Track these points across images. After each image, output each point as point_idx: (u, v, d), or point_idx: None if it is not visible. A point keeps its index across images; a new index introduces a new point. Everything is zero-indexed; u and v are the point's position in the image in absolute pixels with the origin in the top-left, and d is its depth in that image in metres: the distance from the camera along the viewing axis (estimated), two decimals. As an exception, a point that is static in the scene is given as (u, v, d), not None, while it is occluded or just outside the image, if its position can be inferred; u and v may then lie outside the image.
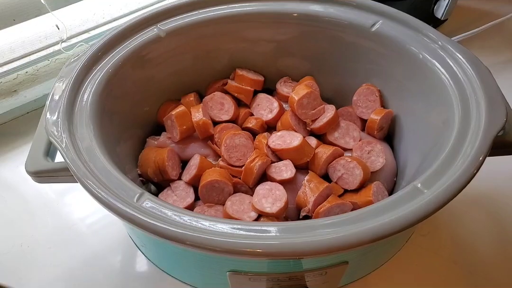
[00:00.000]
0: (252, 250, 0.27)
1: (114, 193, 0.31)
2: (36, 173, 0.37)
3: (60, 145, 0.34)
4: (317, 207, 0.40)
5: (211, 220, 0.29)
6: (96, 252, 0.48)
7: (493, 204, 0.51)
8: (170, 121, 0.47)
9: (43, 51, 0.66)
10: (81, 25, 0.69)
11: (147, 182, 0.47)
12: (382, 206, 0.30)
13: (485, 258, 0.46)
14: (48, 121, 0.36)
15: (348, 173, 0.43)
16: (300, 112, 0.47)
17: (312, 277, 0.36)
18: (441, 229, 0.49)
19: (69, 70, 0.41)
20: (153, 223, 0.29)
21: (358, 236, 0.28)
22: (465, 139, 0.34)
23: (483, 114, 0.35)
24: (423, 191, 0.31)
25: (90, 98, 0.39)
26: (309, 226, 0.29)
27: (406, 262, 0.46)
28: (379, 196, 0.41)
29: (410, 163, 0.43)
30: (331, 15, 0.48)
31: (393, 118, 0.48)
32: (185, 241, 0.28)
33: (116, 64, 0.43)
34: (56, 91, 0.39)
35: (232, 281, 0.36)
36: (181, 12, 0.48)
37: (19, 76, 0.66)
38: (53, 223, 0.51)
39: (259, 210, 0.40)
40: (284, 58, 0.53)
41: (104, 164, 0.34)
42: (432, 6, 0.71)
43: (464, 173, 0.31)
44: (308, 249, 0.27)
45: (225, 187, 0.42)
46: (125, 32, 0.45)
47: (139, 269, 0.47)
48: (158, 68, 0.48)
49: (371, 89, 0.48)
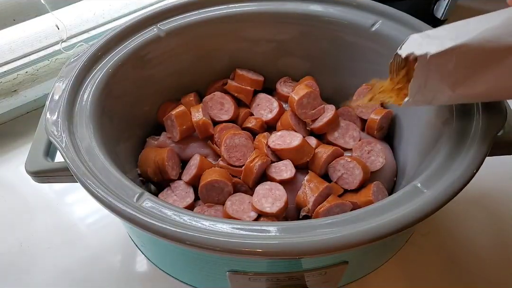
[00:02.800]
0: (252, 250, 0.27)
1: (114, 192, 0.31)
2: (36, 173, 0.37)
3: (60, 145, 0.34)
4: (317, 207, 0.40)
5: (211, 220, 0.29)
6: (96, 252, 0.48)
7: (493, 204, 0.51)
8: (170, 121, 0.47)
9: (43, 51, 0.66)
10: (81, 25, 0.69)
11: (147, 182, 0.47)
12: (382, 206, 0.30)
13: (485, 258, 0.46)
14: (48, 121, 0.36)
15: (348, 173, 0.43)
16: (300, 112, 0.47)
17: (312, 277, 0.36)
18: (441, 229, 0.49)
19: (69, 70, 0.41)
20: (153, 223, 0.29)
21: (358, 236, 0.28)
22: (465, 139, 0.34)
23: (482, 113, 0.35)
24: (423, 191, 0.31)
25: (90, 98, 0.39)
26: (309, 226, 0.29)
27: (406, 262, 0.46)
28: (379, 196, 0.41)
29: (410, 163, 0.43)
30: (331, 15, 0.48)
31: (393, 118, 0.48)
32: (185, 241, 0.28)
33: (116, 64, 0.43)
34: (56, 91, 0.39)
35: (232, 281, 0.36)
36: (181, 12, 0.48)
37: (19, 76, 0.66)
38: (53, 223, 0.51)
39: (259, 210, 0.40)
40: (284, 58, 0.53)
41: (104, 164, 0.34)
42: (432, 6, 0.71)
43: (464, 173, 0.31)
44: (308, 249, 0.27)
45: (225, 187, 0.42)
46: (125, 32, 0.45)
47: (139, 269, 0.47)
48: (158, 68, 0.48)
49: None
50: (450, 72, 0.30)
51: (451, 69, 0.30)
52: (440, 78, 0.31)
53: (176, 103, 0.51)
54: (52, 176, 0.37)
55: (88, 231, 0.50)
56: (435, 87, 0.31)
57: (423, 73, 0.31)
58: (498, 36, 0.29)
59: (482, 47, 0.29)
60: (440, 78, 0.31)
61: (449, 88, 0.31)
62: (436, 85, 0.31)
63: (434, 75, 0.31)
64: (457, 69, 0.30)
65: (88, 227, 0.51)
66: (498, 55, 0.29)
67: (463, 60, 0.30)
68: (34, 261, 0.47)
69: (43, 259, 0.47)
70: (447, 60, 0.30)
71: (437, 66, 0.30)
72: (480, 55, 0.29)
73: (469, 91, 0.31)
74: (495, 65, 0.29)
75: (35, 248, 0.49)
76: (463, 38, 0.29)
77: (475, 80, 0.30)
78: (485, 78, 0.30)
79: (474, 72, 0.30)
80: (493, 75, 0.30)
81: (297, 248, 0.27)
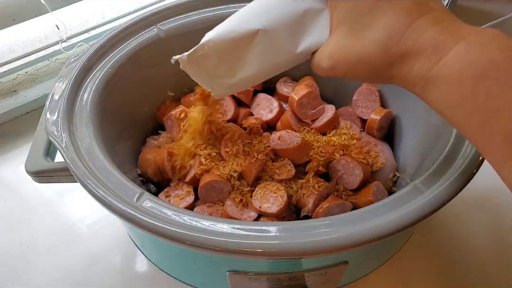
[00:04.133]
0: (252, 250, 0.27)
1: (114, 192, 0.31)
2: (36, 173, 0.37)
3: (60, 145, 0.34)
4: (317, 207, 0.40)
5: (211, 220, 0.29)
6: (96, 252, 0.48)
7: (493, 204, 0.51)
8: (170, 121, 0.47)
9: (43, 51, 0.66)
10: (81, 25, 0.69)
11: (147, 182, 0.47)
12: (382, 206, 0.30)
13: (484, 258, 0.46)
14: (48, 121, 0.36)
15: (348, 173, 0.43)
16: (300, 112, 0.47)
17: (312, 277, 0.36)
18: (441, 229, 0.49)
19: (69, 70, 0.41)
20: (153, 223, 0.29)
21: (358, 236, 0.28)
22: (465, 139, 0.34)
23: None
24: (423, 191, 0.31)
25: (90, 98, 0.39)
26: (309, 226, 0.29)
27: (406, 262, 0.46)
28: (379, 196, 0.41)
29: (410, 163, 0.43)
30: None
31: (393, 118, 0.48)
32: (185, 241, 0.28)
33: (116, 64, 0.43)
34: (56, 91, 0.39)
35: (232, 281, 0.36)
36: (181, 12, 0.48)
37: (19, 76, 0.66)
38: (53, 223, 0.51)
39: (259, 210, 0.40)
40: (284, 58, 0.53)
41: (104, 164, 0.34)
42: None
43: (464, 173, 0.31)
44: (308, 249, 0.27)
45: (225, 187, 0.42)
46: (125, 32, 0.45)
47: (139, 269, 0.47)
48: (158, 68, 0.48)
49: (371, 89, 0.48)
50: (214, 65, 0.33)
51: (212, 63, 0.32)
52: (207, 72, 0.33)
53: (176, 103, 0.51)
54: (52, 176, 0.37)
55: (88, 231, 0.50)
56: (212, 80, 0.34)
57: (194, 72, 0.34)
58: (240, 24, 0.31)
59: (226, 39, 0.31)
60: (207, 73, 0.33)
61: (220, 78, 0.34)
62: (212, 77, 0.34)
63: (202, 71, 0.33)
64: (216, 60, 0.32)
65: (88, 227, 0.51)
66: (242, 43, 0.31)
67: (215, 52, 0.32)
68: (34, 261, 0.47)
69: (43, 259, 0.47)
70: (204, 56, 0.32)
71: (198, 62, 0.33)
72: (228, 46, 0.31)
73: (243, 75, 0.33)
74: (247, 51, 0.31)
75: (35, 248, 0.49)
76: (214, 32, 0.32)
77: (241, 67, 0.32)
78: (248, 63, 0.32)
79: (233, 61, 0.32)
80: (252, 60, 0.32)
81: (297, 248, 0.27)
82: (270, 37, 0.31)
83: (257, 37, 0.31)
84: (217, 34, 0.32)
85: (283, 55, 0.32)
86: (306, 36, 0.31)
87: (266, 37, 0.31)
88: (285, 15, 0.31)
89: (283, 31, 0.31)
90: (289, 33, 0.31)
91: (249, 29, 0.31)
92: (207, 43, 0.32)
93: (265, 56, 0.32)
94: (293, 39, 0.31)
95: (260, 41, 0.31)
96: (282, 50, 0.32)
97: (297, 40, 0.31)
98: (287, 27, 0.31)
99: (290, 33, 0.31)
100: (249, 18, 0.31)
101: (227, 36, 0.31)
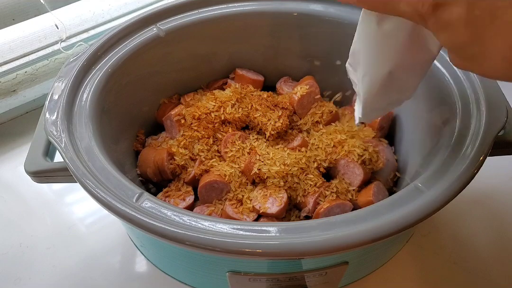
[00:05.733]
0: (252, 250, 0.27)
1: (113, 193, 0.31)
2: (36, 173, 0.37)
3: (59, 145, 0.34)
4: (317, 207, 0.40)
5: (210, 221, 0.29)
6: (95, 252, 0.48)
7: (494, 204, 0.51)
8: (170, 121, 0.47)
9: (42, 50, 0.66)
10: (80, 24, 0.69)
11: (147, 182, 0.47)
12: (382, 206, 0.30)
13: (485, 258, 0.46)
14: (47, 121, 0.36)
15: (349, 173, 0.43)
16: (300, 112, 0.47)
17: (312, 277, 0.36)
18: (441, 229, 0.49)
19: (68, 70, 0.41)
20: (153, 223, 0.29)
21: (358, 236, 0.28)
22: (465, 139, 0.33)
23: (483, 113, 0.35)
24: (423, 191, 0.30)
25: (89, 98, 0.39)
26: (309, 226, 0.29)
27: (406, 262, 0.46)
28: (379, 196, 0.41)
29: (410, 163, 0.43)
30: (331, 14, 0.47)
31: (393, 118, 0.48)
32: (185, 241, 0.28)
33: (115, 64, 0.43)
34: (55, 91, 0.39)
35: (232, 282, 0.36)
36: (180, 11, 0.48)
37: (18, 76, 0.65)
38: (53, 223, 0.51)
39: (259, 210, 0.40)
40: (284, 58, 0.53)
41: (103, 164, 0.34)
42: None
43: (464, 173, 0.31)
44: (308, 249, 0.27)
45: (225, 187, 0.42)
46: (124, 32, 0.45)
47: (138, 270, 0.46)
48: (158, 67, 0.48)
49: (371, 89, 0.48)
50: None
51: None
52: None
53: (176, 103, 0.50)
54: (52, 176, 0.37)
55: (88, 232, 0.50)
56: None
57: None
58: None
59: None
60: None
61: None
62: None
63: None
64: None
65: (87, 227, 0.51)
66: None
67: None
68: (33, 262, 0.47)
69: (42, 259, 0.47)
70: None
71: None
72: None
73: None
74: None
75: (35, 248, 0.48)
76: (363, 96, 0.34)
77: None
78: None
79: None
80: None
81: (297, 248, 0.27)
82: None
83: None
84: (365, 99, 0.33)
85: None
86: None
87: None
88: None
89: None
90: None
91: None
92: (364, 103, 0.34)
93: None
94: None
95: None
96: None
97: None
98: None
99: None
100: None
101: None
